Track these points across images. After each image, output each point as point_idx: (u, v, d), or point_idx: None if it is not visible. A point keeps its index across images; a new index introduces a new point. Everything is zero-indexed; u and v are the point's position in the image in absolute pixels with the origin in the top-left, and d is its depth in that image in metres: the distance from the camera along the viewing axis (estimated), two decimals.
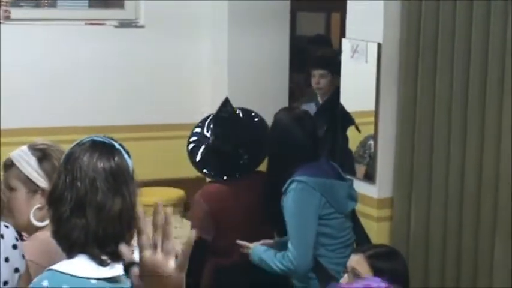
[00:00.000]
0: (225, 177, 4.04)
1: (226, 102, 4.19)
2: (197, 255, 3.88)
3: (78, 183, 2.26)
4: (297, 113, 3.94)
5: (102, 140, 2.34)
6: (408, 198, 4.10)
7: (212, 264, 3.99)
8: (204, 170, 4.17)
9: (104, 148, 2.31)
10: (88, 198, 2.25)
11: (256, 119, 4.25)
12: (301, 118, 3.83)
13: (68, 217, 2.24)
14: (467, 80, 3.76)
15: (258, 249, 3.78)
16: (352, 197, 3.81)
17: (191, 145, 4.18)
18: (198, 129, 4.24)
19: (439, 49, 3.91)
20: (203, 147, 4.11)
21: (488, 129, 3.66)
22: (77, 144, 2.33)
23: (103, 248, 2.24)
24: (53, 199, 2.29)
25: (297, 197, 3.61)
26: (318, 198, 3.64)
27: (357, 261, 3.12)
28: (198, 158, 4.13)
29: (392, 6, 4.13)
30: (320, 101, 5.34)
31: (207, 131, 4.13)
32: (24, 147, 2.75)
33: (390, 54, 4.17)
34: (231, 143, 4.03)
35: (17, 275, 2.48)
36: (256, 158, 4.08)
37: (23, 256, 2.52)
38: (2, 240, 2.45)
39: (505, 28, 3.55)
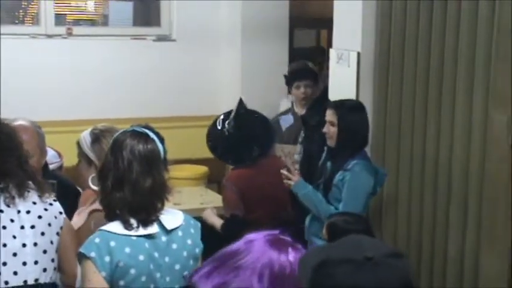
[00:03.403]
0: (241, 164, 3.93)
1: (241, 102, 4.06)
2: (232, 229, 3.76)
3: (119, 164, 2.28)
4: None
5: (140, 130, 2.34)
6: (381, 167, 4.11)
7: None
8: (225, 159, 4.10)
9: (141, 137, 2.32)
10: (126, 176, 2.27)
11: (259, 118, 4.09)
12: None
13: (110, 190, 2.28)
14: (427, 79, 3.80)
15: (304, 185, 3.60)
16: (382, 184, 3.76)
17: (210, 142, 4.02)
18: (214, 128, 4.01)
19: (405, 56, 3.96)
20: (222, 141, 3.95)
21: (444, 116, 3.70)
22: (122, 132, 2.36)
23: (135, 215, 2.27)
24: (101, 176, 2.34)
25: (360, 175, 3.54)
26: (372, 181, 3.59)
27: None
28: (219, 151, 3.99)
29: (368, 23, 4.19)
30: (297, 111, 4.81)
31: (223, 127, 3.96)
32: (90, 129, 2.79)
33: (367, 60, 4.21)
34: (245, 136, 3.92)
35: (62, 216, 2.57)
36: (264, 148, 3.96)
37: (62, 207, 2.61)
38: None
39: (457, 43, 3.61)
